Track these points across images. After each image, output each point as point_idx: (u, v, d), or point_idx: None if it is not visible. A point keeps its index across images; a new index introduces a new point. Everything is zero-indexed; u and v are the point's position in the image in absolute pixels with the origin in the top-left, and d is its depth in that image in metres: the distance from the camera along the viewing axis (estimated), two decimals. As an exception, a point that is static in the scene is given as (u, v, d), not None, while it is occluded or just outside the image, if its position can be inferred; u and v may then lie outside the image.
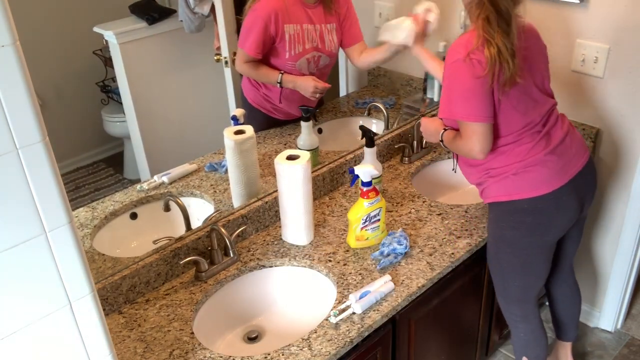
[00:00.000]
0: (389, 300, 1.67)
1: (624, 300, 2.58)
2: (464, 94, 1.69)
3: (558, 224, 1.85)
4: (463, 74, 1.66)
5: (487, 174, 1.83)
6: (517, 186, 1.78)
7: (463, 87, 1.68)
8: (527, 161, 1.76)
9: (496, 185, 1.82)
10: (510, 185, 1.79)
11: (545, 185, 1.77)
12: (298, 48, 2.06)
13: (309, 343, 1.54)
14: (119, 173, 2.18)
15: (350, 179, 2.17)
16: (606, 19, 2.12)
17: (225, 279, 1.77)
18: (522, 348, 2.10)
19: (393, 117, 2.49)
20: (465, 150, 1.75)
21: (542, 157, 1.77)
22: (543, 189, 1.77)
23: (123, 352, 1.54)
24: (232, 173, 1.93)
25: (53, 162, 0.99)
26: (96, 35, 1.97)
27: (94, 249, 1.76)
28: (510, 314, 2.05)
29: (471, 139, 1.71)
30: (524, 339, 2.08)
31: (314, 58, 2.12)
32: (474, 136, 1.70)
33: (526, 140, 1.77)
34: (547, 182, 1.77)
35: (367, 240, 1.87)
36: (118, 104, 2.08)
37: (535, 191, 1.77)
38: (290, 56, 2.07)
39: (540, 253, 1.88)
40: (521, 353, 2.11)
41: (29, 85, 0.93)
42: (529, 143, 1.77)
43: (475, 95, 1.67)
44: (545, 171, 1.77)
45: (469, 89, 1.67)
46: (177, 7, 2.04)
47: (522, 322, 2.04)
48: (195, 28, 2.08)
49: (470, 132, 1.71)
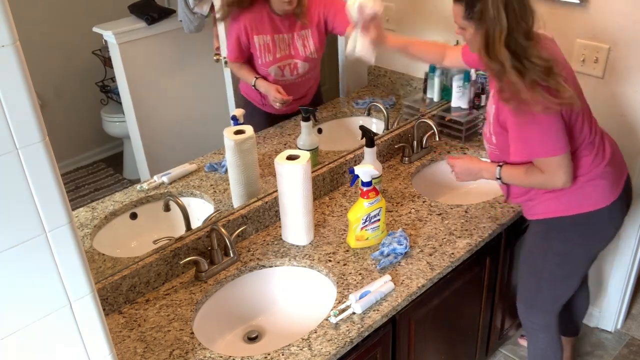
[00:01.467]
0: (389, 300, 1.67)
1: (624, 300, 2.58)
2: (540, 130, 1.64)
3: (610, 235, 1.88)
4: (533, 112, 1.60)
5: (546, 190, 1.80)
6: (577, 200, 1.77)
7: (539, 125, 1.63)
8: (590, 174, 1.75)
9: (550, 202, 1.80)
10: (568, 200, 1.77)
11: (605, 198, 1.78)
12: (268, 57, 2.16)
13: (309, 343, 1.54)
14: (119, 173, 2.18)
15: (350, 179, 2.17)
16: (606, 19, 2.12)
17: (225, 279, 1.77)
18: (539, 357, 2.11)
19: (393, 117, 2.49)
20: (550, 183, 1.71)
21: (602, 169, 1.77)
22: (602, 202, 1.77)
23: (123, 352, 1.54)
24: (232, 173, 1.93)
25: (53, 162, 0.99)
26: (95, 35, 1.97)
27: (94, 249, 1.75)
28: (531, 323, 2.05)
29: (557, 172, 1.67)
30: (542, 348, 2.08)
31: (289, 65, 2.20)
32: (559, 169, 1.67)
33: (585, 153, 1.75)
34: (604, 196, 1.78)
35: (367, 240, 1.87)
36: (117, 104, 2.08)
37: (593, 205, 1.77)
38: (262, 63, 2.17)
39: (587, 264, 1.92)
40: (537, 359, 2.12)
41: (29, 85, 0.93)
42: (588, 156, 1.75)
43: (552, 129, 1.63)
44: (605, 183, 1.77)
45: (544, 124, 1.63)
46: (177, 7, 2.04)
47: (543, 331, 2.04)
48: (195, 28, 2.08)
49: (556, 166, 1.67)
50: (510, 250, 2.18)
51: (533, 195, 1.84)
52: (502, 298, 2.27)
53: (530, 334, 2.09)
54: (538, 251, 1.91)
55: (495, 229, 1.97)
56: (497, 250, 2.09)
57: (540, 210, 1.84)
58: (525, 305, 2.04)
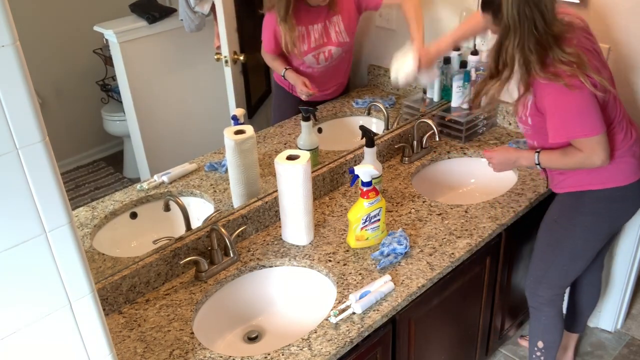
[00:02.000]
0: (389, 300, 1.67)
1: (624, 300, 2.58)
2: (578, 112, 1.71)
3: (632, 212, 1.96)
4: (568, 94, 1.68)
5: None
6: (609, 175, 1.84)
7: (574, 107, 1.70)
8: (621, 150, 1.83)
9: (584, 174, 1.87)
10: (601, 174, 1.84)
11: (634, 174, 1.86)
12: (303, 47, 2.23)
13: (309, 343, 1.54)
14: (119, 172, 2.18)
15: (350, 179, 2.17)
16: (606, 19, 2.11)
17: (225, 279, 1.77)
18: (539, 332, 2.15)
19: (393, 117, 2.48)
20: (590, 162, 1.77)
21: (630, 146, 1.85)
22: (632, 178, 1.86)
23: (123, 352, 1.54)
24: (232, 173, 1.93)
25: (53, 162, 0.99)
26: (96, 34, 1.97)
27: (94, 248, 1.75)
28: (537, 296, 2.09)
29: (596, 151, 1.74)
30: (545, 322, 2.12)
31: (324, 53, 2.28)
32: (598, 148, 1.73)
33: (617, 131, 1.83)
34: (635, 172, 1.86)
35: (367, 240, 1.87)
36: (118, 103, 2.08)
37: (624, 180, 1.85)
38: (298, 53, 2.24)
39: (605, 239, 2.00)
40: (537, 337, 2.16)
41: (29, 85, 0.92)
42: (619, 134, 1.83)
43: (588, 110, 1.70)
44: (634, 161, 1.86)
45: (581, 106, 1.70)
46: (177, 6, 2.04)
47: (548, 305, 2.09)
48: (196, 27, 2.08)
49: (594, 145, 1.73)
50: (510, 250, 2.18)
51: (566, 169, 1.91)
52: (502, 298, 2.28)
53: (535, 307, 2.13)
54: (565, 223, 1.96)
55: (495, 229, 1.97)
56: (497, 250, 2.09)
57: (572, 182, 1.91)
58: (535, 279, 2.08)
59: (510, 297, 2.33)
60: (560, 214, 1.97)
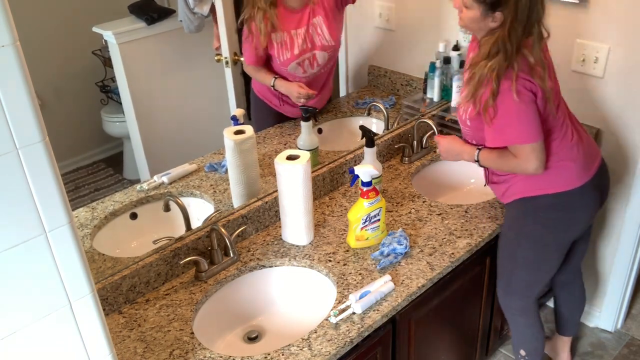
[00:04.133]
0: (389, 300, 1.67)
1: (624, 300, 2.58)
2: (516, 119, 1.70)
3: (582, 220, 1.91)
4: (510, 101, 1.67)
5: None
6: (549, 180, 1.82)
7: (513, 113, 1.69)
8: (558, 155, 1.80)
9: (525, 181, 1.84)
10: (541, 180, 1.82)
11: (574, 180, 1.82)
12: (286, 54, 2.14)
13: (309, 343, 1.54)
14: (119, 173, 2.18)
15: (350, 179, 2.16)
16: (606, 19, 2.12)
17: (225, 279, 1.77)
18: (520, 341, 2.14)
19: (393, 117, 2.48)
20: (522, 168, 1.77)
21: (569, 151, 1.81)
22: (573, 184, 1.82)
23: (123, 352, 1.54)
24: (232, 173, 1.93)
25: (53, 162, 0.99)
26: (95, 35, 1.97)
27: (94, 249, 1.75)
28: (509, 307, 2.07)
29: (529, 158, 1.73)
30: (523, 332, 2.11)
31: (309, 59, 2.18)
32: (532, 155, 1.73)
33: (555, 136, 1.80)
34: (576, 177, 1.82)
35: (367, 240, 1.87)
36: (117, 104, 2.08)
37: (565, 186, 1.82)
38: (281, 62, 2.15)
39: (558, 249, 1.93)
40: (519, 346, 2.15)
41: (29, 85, 0.93)
42: (556, 139, 1.81)
43: (527, 118, 1.69)
44: (574, 166, 1.82)
45: (520, 113, 1.69)
46: (176, 7, 2.04)
47: (521, 315, 2.07)
48: (195, 28, 2.08)
49: (529, 152, 1.73)
50: (510, 250, 2.18)
51: (509, 178, 1.89)
52: (502, 298, 2.27)
53: (510, 318, 2.12)
54: (511, 235, 1.94)
55: (495, 229, 1.97)
56: (497, 250, 2.09)
57: (514, 191, 1.89)
58: (503, 291, 2.06)
59: (511, 297, 2.33)
60: (509, 226, 1.95)
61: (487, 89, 1.68)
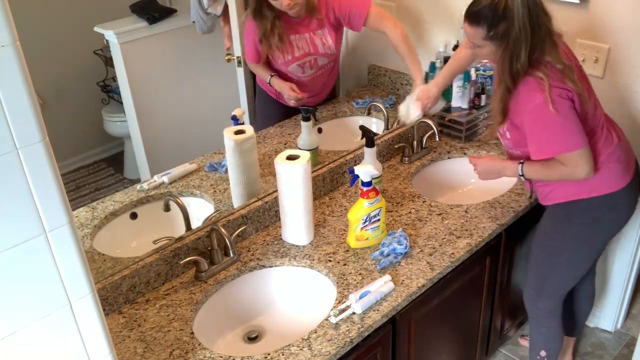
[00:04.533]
0: (389, 300, 1.67)
1: (624, 300, 2.58)
2: (559, 129, 1.70)
3: (625, 219, 1.92)
4: (548, 114, 1.66)
5: None
6: (598, 183, 1.81)
7: (554, 125, 1.69)
8: (603, 157, 1.80)
9: (572, 185, 1.83)
10: (590, 183, 1.80)
11: (621, 179, 1.83)
12: (287, 56, 2.19)
13: (309, 343, 1.54)
14: (119, 173, 2.18)
15: (350, 179, 2.17)
16: (606, 19, 2.11)
17: (225, 279, 1.78)
18: (542, 342, 2.14)
19: (393, 117, 2.48)
20: (573, 176, 1.76)
21: (613, 152, 1.81)
22: (618, 184, 1.82)
23: (123, 352, 1.54)
24: (232, 173, 1.93)
25: (53, 162, 0.99)
26: (97, 35, 1.97)
27: (94, 249, 1.76)
28: (537, 309, 2.08)
29: (579, 164, 1.73)
30: (546, 333, 2.11)
31: (310, 61, 2.24)
32: (581, 161, 1.72)
33: (598, 137, 1.80)
34: (621, 177, 1.83)
35: (367, 240, 1.87)
36: (118, 104, 2.08)
37: (613, 187, 1.82)
38: (282, 62, 2.20)
39: (600, 249, 1.97)
40: (540, 347, 2.15)
41: (29, 85, 0.93)
42: (599, 140, 1.80)
43: (570, 125, 1.69)
44: (619, 167, 1.82)
45: (562, 122, 1.68)
46: (178, 6, 2.04)
47: (548, 317, 2.08)
48: (208, 29, 2.09)
49: (577, 158, 1.72)
50: (510, 250, 2.18)
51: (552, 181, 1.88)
52: (502, 298, 2.27)
53: (535, 320, 2.12)
54: (557, 235, 1.94)
55: (495, 229, 1.97)
56: (497, 250, 2.09)
57: (559, 194, 1.88)
58: (534, 291, 2.06)
59: (510, 297, 2.33)
60: (552, 227, 1.95)
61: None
